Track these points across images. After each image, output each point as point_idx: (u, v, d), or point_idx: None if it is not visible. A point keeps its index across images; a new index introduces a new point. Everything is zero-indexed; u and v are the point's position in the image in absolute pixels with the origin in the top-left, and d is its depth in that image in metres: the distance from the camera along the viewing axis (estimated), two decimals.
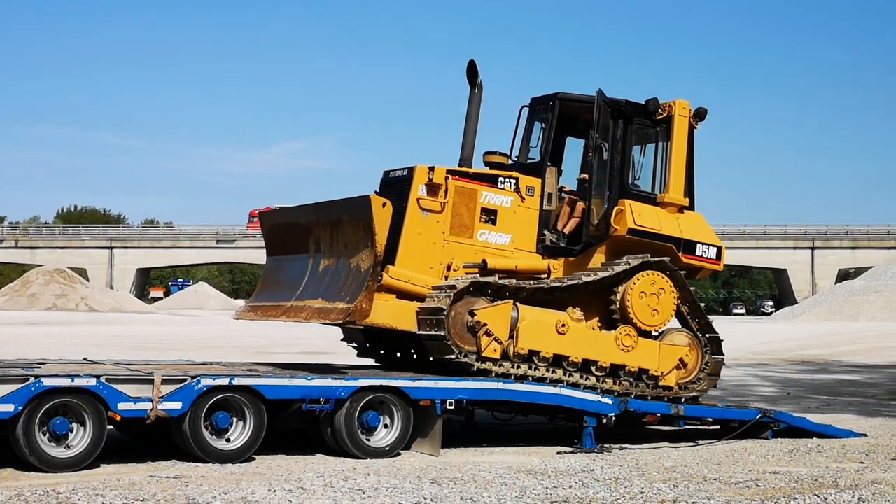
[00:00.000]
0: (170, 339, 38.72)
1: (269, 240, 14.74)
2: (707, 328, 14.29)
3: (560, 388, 12.84)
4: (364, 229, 12.40)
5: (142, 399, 10.84)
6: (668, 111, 14.31)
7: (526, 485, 10.11)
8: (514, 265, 13.35)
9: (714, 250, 14.53)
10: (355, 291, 12.32)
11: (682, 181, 14.41)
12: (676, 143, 14.31)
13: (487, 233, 13.41)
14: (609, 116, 13.91)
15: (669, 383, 13.80)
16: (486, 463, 11.62)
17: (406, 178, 13.16)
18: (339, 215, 13.02)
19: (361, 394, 11.86)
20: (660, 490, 9.94)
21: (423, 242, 13.03)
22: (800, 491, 10.03)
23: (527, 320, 12.96)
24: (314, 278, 13.30)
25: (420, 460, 11.84)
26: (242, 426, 11.38)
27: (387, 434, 12.07)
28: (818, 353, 32.24)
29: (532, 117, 14.44)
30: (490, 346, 12.77)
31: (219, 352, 29.37)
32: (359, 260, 12.51)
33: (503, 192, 13.53)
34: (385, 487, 9.76)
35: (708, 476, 10.92)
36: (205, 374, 11.36)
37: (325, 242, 13.29)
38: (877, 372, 26.98)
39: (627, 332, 13.57)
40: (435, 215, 13.09)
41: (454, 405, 12.37)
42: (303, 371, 12.57)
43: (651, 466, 11.55)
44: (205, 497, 9.14)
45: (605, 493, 9.73)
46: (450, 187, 13.17)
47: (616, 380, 13.51)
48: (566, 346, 13.19)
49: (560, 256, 13.85)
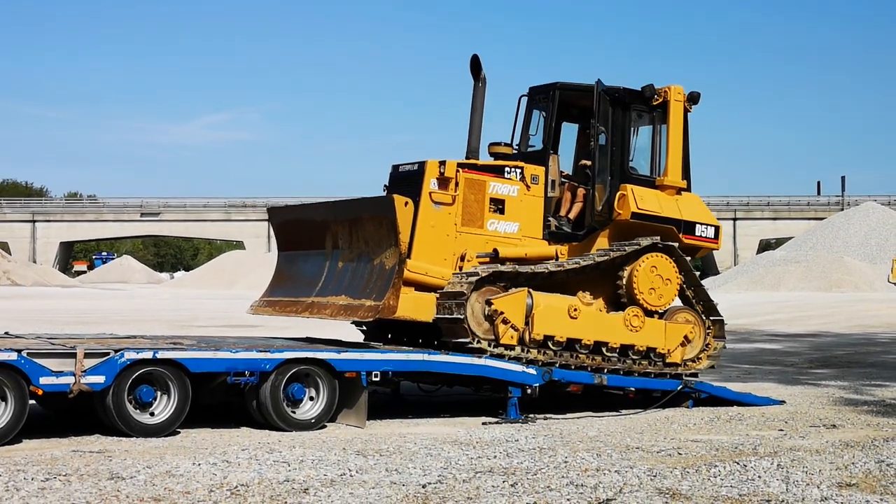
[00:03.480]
0: (93, 312, 38.34)
1: (281, 235, 15.14)
2: (712, 311, 14.69)
3: (485, 358, 12.94)
4: (387, 228, 12.83)
5: (64, 373, 10.73)
6: (663, 97, 14.72)
7: (451, 455, 10.18)
8: (523, 252, 13.77)
9: (712, 230, 15.03)
10: (382, 289, 12.76)
11: (680, 164, 14.83)
12: (673, 128, 14.74)
13: (497, 222, 13.78)
14: (608, 104, 14.30)
15: (676, 360, 14.23)
16: (412, 434, 11.68)
17: (417, 173, 13.47)
18: (359, 214, 13.47)
19: (287, 366, 11.84)
20: (583, 459, 10.06)
21: (437, 235, 13.32)
22: (720, 458, 10.20)
23: (541, 306, 13.34)
24: (333, 275, 13.70)
25: (346, 432, 11.87)
26: (167, 400, 11.30)
27: (312, 406, 12.07)
28: (739, 322, 32.67)
29: (531, 106, 14.80)
30: (507, 333, 13.15)
31: (143, 325, 29.15)
32: (382, 258, 12.98)
33: (510, 182, 13.91)
34: (310, 460, 9.78)
35: (631, 445, 11.06)
36: (128, 347, 11.28)
37: (344, 240, 13.68)
38: (796, 341, 27.41)
39: (635, 313, 13.96)
40: (447, 208, 13.42)
41: (380, 377, 12.40)
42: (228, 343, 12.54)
43: (575, 436, 11.68)
44: (128, 471, 9.10)
45: (529, 463, 9.83)
46: (460, 180, 13.51)
47: (625, 359, 13.93)
48: (579, 329, 13.61)
49: (566, 242, 14.25)
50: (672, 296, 14.29)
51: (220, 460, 9.62)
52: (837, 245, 79.98)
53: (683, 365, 14.33)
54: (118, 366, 10.96)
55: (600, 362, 13.73)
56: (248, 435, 11.49)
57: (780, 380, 17.79)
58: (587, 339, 13.66)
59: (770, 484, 9.00)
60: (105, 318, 33.52)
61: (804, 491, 8.73)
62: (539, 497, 8.41)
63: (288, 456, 9.93)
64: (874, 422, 12.96)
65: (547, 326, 13.37)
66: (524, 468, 9.59)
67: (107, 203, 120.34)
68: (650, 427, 12.47)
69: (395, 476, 9.15)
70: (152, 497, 8.27)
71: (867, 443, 11.09)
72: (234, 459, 9.69)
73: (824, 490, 8.77)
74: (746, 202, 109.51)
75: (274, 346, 12.27)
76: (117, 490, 8.44)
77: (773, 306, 41.98)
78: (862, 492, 8.77)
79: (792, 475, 9.35)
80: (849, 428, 12.44)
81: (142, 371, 11.15)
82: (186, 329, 27.36)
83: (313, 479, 8.98)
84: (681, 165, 14.83)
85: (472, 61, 14.14)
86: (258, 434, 11.54)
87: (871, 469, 9.68)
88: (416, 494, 8.48)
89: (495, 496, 8.43)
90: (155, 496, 8.29)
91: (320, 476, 9.09)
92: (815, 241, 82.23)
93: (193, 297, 57.23)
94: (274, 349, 11.99)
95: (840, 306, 42.71)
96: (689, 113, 14.91)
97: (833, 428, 12.43)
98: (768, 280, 68.77)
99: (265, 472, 9.17)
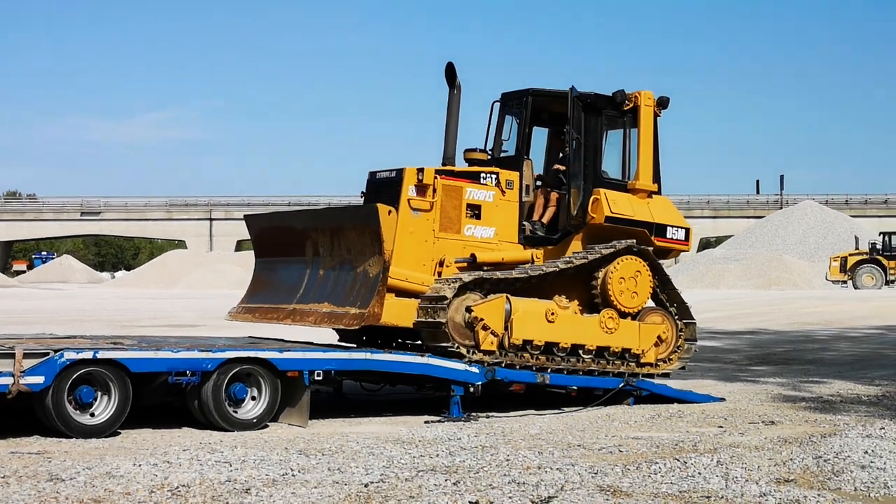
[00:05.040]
0: (33, 312, 37.91)
1: (259, 242, 15.17)
2: (685, 314, 14.96)
3: (428, 357, 12.97)
4: (371, 237, 12.87)
5: (2, 374, 10.60)
6: (634, 102, 14.90)
7: (393, 454, 10.18)
8: (500, 257, 13.95)
9: (683, 232, 15.35)
10: (366, 297, 12.80)
11: (651, 168, 15.04)
12: (643, 132, 14.93)
13: (473, 227, 13.92)
14: (581, 110, 14.47)
15: (650, 360, 14.46)
16: (354, 433, 11.67)
17: (395, 180, 13.57)
18: (342, 222, 13.55)
19: (229, 366, 11.79)
20: (525, 457, 10.10)
21: (416, 241, 13.45)
22: (661, 455, 10.28)
23: (519, 311, 13.46)
24: (315, 282, 13.74)
25: (288, 431, 11.84)
26: (107, 400, 11.21)
27: (254, 406, 12.03)
28: None
29: (503, 112, 14.98)
30: (487, 339, 13.26)
31: (83, 325, 28.88)
32: (366, 266, 13.01)
33: (485, 188, 14.06)
34: (252, 459, 9.75)
35: (572, 442, 11.12)
36: (68, 347, 11.17)
37: (325, 248, 13.72)
38: (736, 338, 27.62)
39: (610, 315, 14.13)
40: (425, 214, 13.55)
41: (322, 376, 12.39)
42: (169, 343, 12.47)
43: (517, 434, 11.72)
44: (68, 472, 9.03)
45: (471, 461, 9.86)
46: (438, 186, 13.62)
47: (601, 360, 14.11)
48: (556, 332, 13.76)
49: (540, 246, 14.42)
50: (645, 297, 14.51)
51: (161, 461, 9.56)
52: (776, 243, 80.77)
53: (656, 365, 14.58)
54: (58, 366, 10.86)
55: (575, 363, 13.94)
56: (189, 435, 11.44)
57: (719, 377, 17.95)
58: (564, 343, 13.84)
59: (710, 480, 9.09)
60: (45, 318, 33.15)
61: (743, 487, 8.83)
62: (481, 495, 8.44)
63: (229, 456, 9.88)
64: (812, 418, 13.11)
65: (525, 331, 13.52)
66: (466, 466, 9.61)
67: (46, 202, 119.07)
68: (591, 425, 12.54)
69: (338, 475, 9.15)
70: (92, 498, 8.21)
71: (805, 439, 11.22)
72: (175, 460, 9.63)
73: (763, 486, 8.86)
74: (687, 200, 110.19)
75: (216, 346, 12.21)
76: (56, 492, 8.38)
77: (713, 304, 42.27)
78: (800, 487, 8.88)
79: (731, 471, 9.44)
80: (787, 424, 12.58)
81: (82, 371, 11.05)
82: (128, 329, 27.14)
83: (255, 478, 8.95)
84: (651, 169, 15.07)
85: (447, 69, 14.32)
86: (199, 434, 11.49)
87: (809, 465, 9.80)
88: (359, 493, 8.49)
89: (437, 494, 8.44)
90: (95, 497, 8.24)
91: (262, 476, 9.06)
92: (755, 240, 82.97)
93: (135, 296, 56.77)
94: (216, 349, 11.93)
95: (779, 304, 43.09)
96: (658, 117, 15.13)
97: (772, 424, 12.56)
98: (708, 278, 69.30)
99: (206, 473, 9.13)
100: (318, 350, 12.67)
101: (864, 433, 11.36)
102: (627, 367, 14.30)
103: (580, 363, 13.97)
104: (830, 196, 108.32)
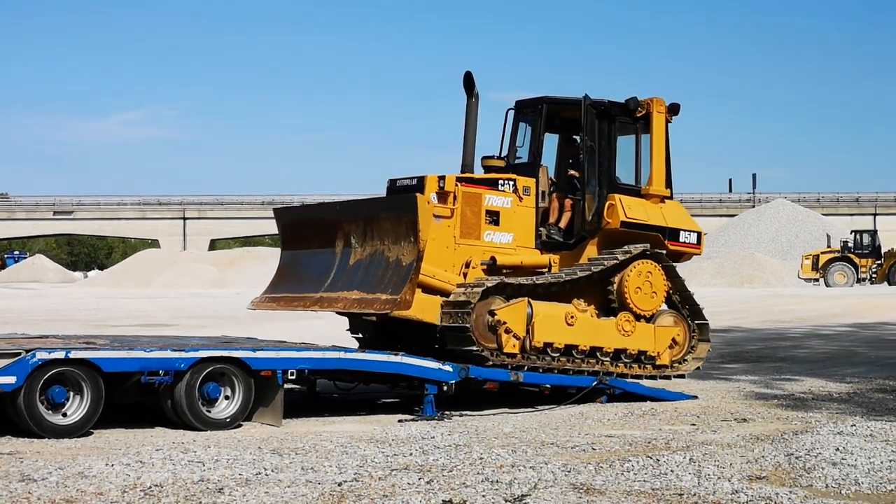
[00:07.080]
0: (5, 312, 37.69)
1: (287, 235, 15.23)
2: (697, 314, 15.27)
3: (401, 356, 12.98)
4: (407, 225, 13.00)
5: None
6: (646, 108, 15.17)
7: (367, 453, 10.18)
8: (519, 261, 14.25)
9: (695, 236, 15.61)
10: (398, 284, 12.91)
11: (664, 173, 15.31)
12: (656, 138, 15.23)
13: (492, 233, 14.18)
14: (594, 117, 14.75)
15: (665, 362, 14.82)
16: (328, 432, 11.67)
17: (416, 188, 13.80)
18: (377, 213, 13.63)
19: (202, 365, 11.77)
20: (498, 455, 10.11)
21: (437, 247, 13.59)
22: (634, 453, 10.32)
23: (540, 315, 13.71)
24: (344, 271, 13.82)
25: (261, 431, 11.83)
26: (80, 400, 11.17)
27: (228, 405, 12.01)
28: None
29: (518, 119, 15.22)
30: (510, 342, 13.48)
31: (56, 325, 28.72)
32: (399, 254, 13.14)
33: (503, 194, 14.31)
34: (225, 459, 9.73)
35: (546, 441, 11.14)
36: (40, 347, 11.12)
37: (357, 238, 13.79)
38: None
39: (627, 318, 14.47)
40: (446, 220, 13.75)
41: (296, 375, 12.39)
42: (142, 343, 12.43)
43: (490, 432, 11.74)
44: (40, 473, 9.00)
45: (445, 460, 9.87)
46: (458, 193, 13.87)
47: (618, 363, 14.42)
48: (576, 335, 14.04)
49: (557, 251, 14.69)
50: (660, 301, 14.82)
51: (134, 461, 9.53)
52: (749, 241, 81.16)
53: (671, 366, 14.86)
54: (29, 366, 10.81)
55: (594, 365, 14.17)
56: (162, 435, 11.41)
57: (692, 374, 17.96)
58: (583, 345, 14.09)
59: (682, 478, 9.13)
60: (17, 318, 32.98)
61: (716, 484, 8.87)
62: (455, 494, 8.45)
63: (203, 455, 9.86)
64: (784, 415, 13.18)
65: (546, 334, 13.76)
66: (440, 465, 9.63)
67: (19, 201, 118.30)
68: (565, 423, 12.57)
69: (311, 474, 9.15)
70: (64, 499, 8.18)
71: (777, 436, 11.28)
72: (148, 460, 9.61)
73: (735, 483, 8.91)
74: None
75: (189, 345, 12.19)
76: (28, 492, 8.34)
77: None
78: (772, 485, 8.93)
79: (704, 469, 9.48)
80: (759, 422, 12.65)
81: (54, 371, 11.00)
82: (101, 329, 27.03)
83: (228, 478, 8.93)
84: (664, 174, 15.32)
85: (465, 78, 14.54)
86: (172, 434, 11.46)
87: (781, 462, 9.85)
88: (332, 493, 8.49)
89: (411, 493, 8.45)
90: (67, 498, 8.21)
91: (235, 475, 9.04)
92: (727, 238, 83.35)
93: (108, 296, 56.51)
94: (189, 348, 11.90)
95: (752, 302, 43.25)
96: (669, 123, 15.39)
97: (744, 422, 12.63)
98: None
99: (179, 472, 9.11)
100: (292, 349, 12.65)
101: (835, 430, 11.43)
102: (644, 370, 14.65)
103: (599, 365, 14.23)
104: (802, 195, 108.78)
